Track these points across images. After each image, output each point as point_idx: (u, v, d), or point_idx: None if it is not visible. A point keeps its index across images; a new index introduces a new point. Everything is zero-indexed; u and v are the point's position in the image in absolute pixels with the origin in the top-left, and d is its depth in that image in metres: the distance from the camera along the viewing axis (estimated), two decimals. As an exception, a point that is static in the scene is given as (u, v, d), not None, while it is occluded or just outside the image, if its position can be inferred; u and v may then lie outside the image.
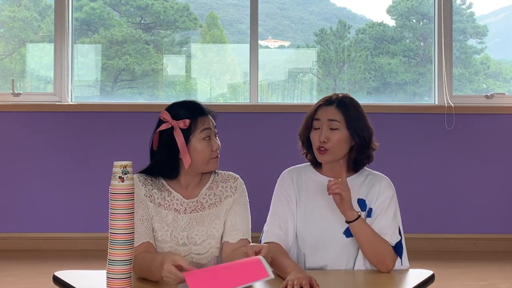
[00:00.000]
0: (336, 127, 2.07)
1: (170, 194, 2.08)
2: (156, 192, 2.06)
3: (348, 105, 2.11)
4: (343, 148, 2.09)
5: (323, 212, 2.11)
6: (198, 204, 2.08)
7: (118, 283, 1.67)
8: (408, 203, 4.50)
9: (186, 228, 2.05)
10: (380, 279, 1.97)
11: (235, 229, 2.07)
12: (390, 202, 2.10)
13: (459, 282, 3.72)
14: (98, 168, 4.53)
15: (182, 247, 2.05)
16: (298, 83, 5.12)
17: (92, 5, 4.96)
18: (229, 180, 2.13)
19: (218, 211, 2.08)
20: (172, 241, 2.04)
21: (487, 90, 4.95)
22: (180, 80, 5.05)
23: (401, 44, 5.02)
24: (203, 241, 2.06)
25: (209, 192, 2.10)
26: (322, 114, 2.10)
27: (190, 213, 2.06)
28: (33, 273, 3.86)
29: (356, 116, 2.10)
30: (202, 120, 2.03)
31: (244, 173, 2.20)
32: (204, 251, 2.06)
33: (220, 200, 2.09)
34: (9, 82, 4.73)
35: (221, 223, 2.08)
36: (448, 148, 4.61)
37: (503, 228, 4.58)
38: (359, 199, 2.12)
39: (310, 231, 2.11)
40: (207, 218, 2.07)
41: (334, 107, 2.10)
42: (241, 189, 2.13)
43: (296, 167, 2.22)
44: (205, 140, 2.02)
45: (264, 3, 5.08)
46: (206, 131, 2.02)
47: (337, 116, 2.08)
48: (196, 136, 2.02)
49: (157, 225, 2.04)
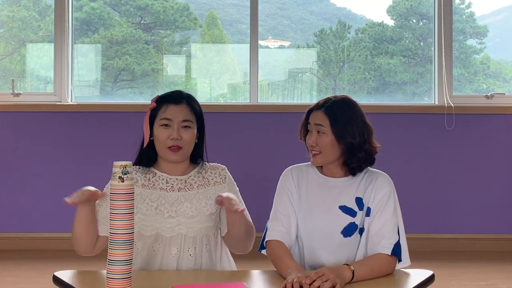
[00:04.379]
0: (323, 131, 2.09)
1: (155, 175, 2.16)
2: (139, 175, 2.15)
3: (335, 110, 2.10)
4: (333, 151, 2.10)
5: (322, 212, 2.11)
6: (186, 184, 2.14)
7: (118, 283, 1.67)
8: (408, 203, 4.50)
9: (175, 203, 2.11)
10: (380, 279, 1.97)
11: None
12: (388, 200, 2.09)
13: (459, 282, 3.73)
14: (98, 168, 4.52)
15: (169, 219, 2.10)
16: (298, 83, 5.12)
17: (92, 5, 4.96)
18: (217, 168, 2.22)
19: (207, 192, 2.15)
20: (158, 214, 2.10)
21: (487, 90, 4.95)
22: (180, 80, 5.05)
23: (401, 44, 5.02)
24: (193, 216, 2.11)
25: (198, 175, 2.18)
26: (311, 118, 2.14)
27: (178, 191, 2.13)
28: (33, 273, 3.86)
29: (344, 120, 2.09)
30: (166, 108, 2.12)
31: (244, 173, 2.21)
32: (192, 226, 2.10)
33: (208, 183, 2.17)
34: (9, 82, 4.73)
35: (212, 204, 2.13)
36: (448, 148, 4.61)
37: (503, 228, 4.58)
38: (356, 197, 2.11)
39: (309, 230, 2.11)
40: (195, 197, 2.13)
41: (321, 112, 2.11)
42: (230, 178, 2.22)
43: (298, 165, 2.23)
44: (163, 127, 2.10)
45: (264, 3, 5.08)
46: (165, 120, 2.11)
47: (323, 121, 2.09)
48: (157, 122, 2.13)
49: (141, 203, 2.10)
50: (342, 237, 2.08)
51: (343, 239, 2.08)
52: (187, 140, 2.11)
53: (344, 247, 2.08)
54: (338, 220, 2.08)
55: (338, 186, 2.14)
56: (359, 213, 2.10)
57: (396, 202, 2.12)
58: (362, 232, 2.09)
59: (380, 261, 2.01)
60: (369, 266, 1.98)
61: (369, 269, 1.97)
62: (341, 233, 2.08)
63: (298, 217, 2.13)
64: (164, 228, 2.09)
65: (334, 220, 2.09)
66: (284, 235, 2.10)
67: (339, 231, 2.08)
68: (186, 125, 2.11)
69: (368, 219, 2.08)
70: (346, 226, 2.08)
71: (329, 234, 2.09)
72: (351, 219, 2.09)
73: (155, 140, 2.13)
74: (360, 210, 2.10)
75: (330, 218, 2.09)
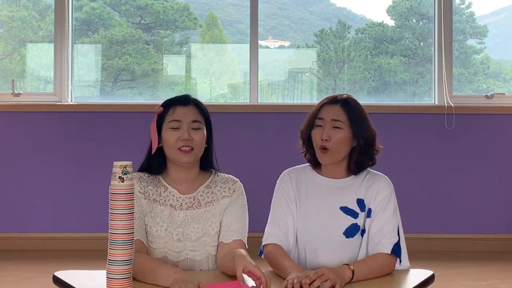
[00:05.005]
0: (340, 126, 2.08)
1: (166, 189, 2.09)
2: (151, 189, 2.08)
3: (352, 106, 2.12)
4: (344, 148, 2.09)
5: (323, 213, 2.10)
6: (195, 201, 2.09)
7: (118, 283, 1.67)
8: (408, 203, 4.51)
9: (182, 224, 2.06)
10: (380, 279, 1.97)
11: (229, 230, 2.07)
12: (389, 201, 2.10)
13: (459, 282, 3.72)
14: (98, 168, 4.53)
15: (177, 242, 2.06)
16: (298, 83, 5.12)
17: (92, 5, 4.96)
18: (228, 182, 2.14)
19: (214, 210, 2.09)
20: (167, 236, 2.05)
21: (487, 90, 4.95)
22: (180, 80, 5.05)
23: (401, 44, 5.02)
24: (198, 238, 2.07)
25: (207, 190, 2.11)
26: (326, 113, 2.11)
27: (186, 209, 2.08)
28: (33, 273, 3.86)
29: (360, 117, 2.11)
30: (174, 110, 2.07)
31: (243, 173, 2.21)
32: (199, 248, 2.07)
33: (217, 199, 2.10)
34: (9, 82, 4.73)
35: (217, 222, 2.09)
36: (448, 148, 4.61)
37: (503, 228, 4.58)
38: (358, 199, 2.11)
39: (310, 232, 2.10)
40: (203, 216, 2.08)
41: (339, 106, 2.10)
42: (239, 191, 2.13)
43: (296, 168, 2.22)
44: (172, 130, 2.05)
45: (264, 3, 5.08)
46: (174, 122, 2.05)
47: (341, 116, 2.09)
48: (166, 125, 2.07)
49: (151, 221, 2.05)
50: (344, 238, 2.08)
51: (345, 240, 2.08)
52: (198, 141, 2.05)
53: (346, 248, 2.08)
54: (340, 221, 2.08)
55: (339, 187, 2.13)
56: (361, 214, 2.10)
57: (395, 205, 2.13)
58: (364, 233, 2.09)
59: (380, 261, 2.01)
60: (369, 266, 1.98)
61: (369, 269, 1.97)
62: (343, 234, 2.08)
63: (298, 220, 2.12)
64: (171, 252, 2.06)
65: (335, 221, 2.09)
66: (281, 239, 2.09)
67: (341, 232, 2.08)
68: (196, 127, 2.05)
69: (369, 220, 2.09)
70: (348, 227, 2.08)
71: (331, 235, 2.08)
72: (353, 220, 2.09)
73: (164, 145, 2.06)
74: (362, 212, 2.10)
75: (332, 219, 2.09)
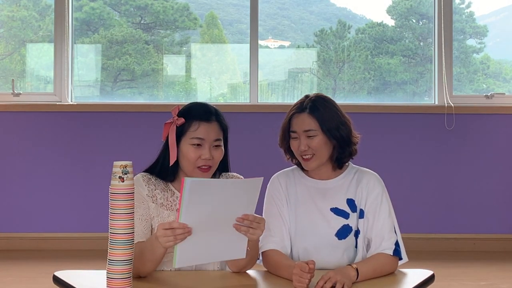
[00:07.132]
0: (313, 135, 2.06)
1: (173, 194, 2.08)
2: (159, 193, 2.06)
3: (320, 108, 2.08)
4: (326, 150, 2.08)
5: (314, 216, 2.09)
6: None
7: (118, 283, 1.67)
8: (408, 203, 4.51)
9: None
10: (380, 279, 1.97)
11: None
12: (382, 200, 2.08)
13: (459, 282, 3.72)
14: (98, 168, 4.53)
15: None
16: (298, 83, 5.12)
17: (92, 5, 4.96)
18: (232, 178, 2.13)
19: None
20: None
21: (487, 90, 4.95)
22: (180, 80, 5.05)
23: (401, 44, 5.02)
24: None
25: None
26: (296, 125, 2.09)
27: None
28: (33, 273, 3.86)
29: (330, 117, 2.08)
30: (197, 126, 2.01)
31: (244, 173, 2.20)
32: None
33: None
34: (9, 82, 4.73)
35: None
36: (448, 148, 4.61)
37: (503, 228, 4.58)
38: (348, 199, 2.10)
39: (302, 235, 2.09)
40: None
41: (306, 114, 2.08)
42: None
43: (285, 171, 2.21)
44: (193, 146, 2.00)
45: (264, 3, 5.08)
46: (196, 139, 2.00)
47: (311, 125, 2.06)
48: (186, 139, 2.01)
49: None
50: (337, 240, 2.07)
51: (338, 241, 2.07)
52: (217, 159, 2.04)
53: (339, 249, 2.07)
54: (331, 223, 2.07)
55: (328, 188, 2.12)
56: (352, 215, 2.09)
57: (388, 202, 2.11)
58: (358, 234, 2.08)
59: (383, 261, 2.01)
60: (372, 265, 1.98)
61: (372, 268, 1.97)
62: (335, 235, 2.07)
63: (290, 223, 2.11)
64: None
65: (327, 223, 2.08)
66: (278, 244, 2.07)
67: (333, 233, 2.07)
68: (217, 144, 2.04)
69: (363, 221, 2.08)
70: (339, 228, 2.07)
71: (324, 237, 2.07)
72: (345, 221, 2.08)
73: (181, 157, 2.02)
74: (353, 212, 2.09)
75: (323, 221, 2.08)
